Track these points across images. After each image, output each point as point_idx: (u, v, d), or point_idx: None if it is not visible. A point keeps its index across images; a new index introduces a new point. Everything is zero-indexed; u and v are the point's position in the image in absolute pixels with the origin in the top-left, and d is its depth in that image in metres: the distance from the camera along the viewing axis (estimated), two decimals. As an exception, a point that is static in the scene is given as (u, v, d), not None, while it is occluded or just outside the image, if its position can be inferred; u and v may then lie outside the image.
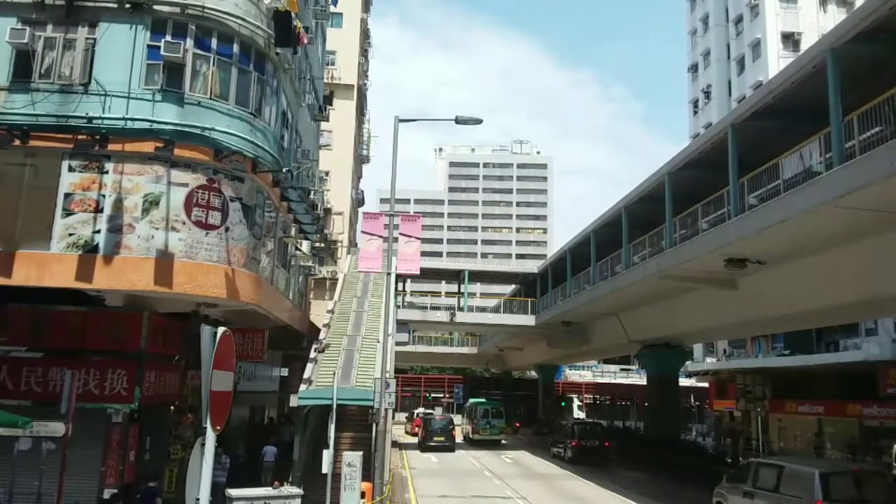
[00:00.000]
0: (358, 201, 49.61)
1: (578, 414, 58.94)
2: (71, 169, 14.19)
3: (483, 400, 39.00)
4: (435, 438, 32.33)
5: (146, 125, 14.41)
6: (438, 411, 43.07)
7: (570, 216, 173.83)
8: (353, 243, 43.34)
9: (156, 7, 14.93)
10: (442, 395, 69.11)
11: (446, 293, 67.23)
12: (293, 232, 22.44)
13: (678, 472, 27.96)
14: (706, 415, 52.90)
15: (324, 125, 30.83)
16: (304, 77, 22.23)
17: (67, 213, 14.01)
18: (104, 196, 14.17)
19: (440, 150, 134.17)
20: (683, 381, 42.69)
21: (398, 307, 35.74)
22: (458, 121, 19.24)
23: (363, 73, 47.03)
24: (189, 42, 14.98)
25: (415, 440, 37.85)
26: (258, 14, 16.12)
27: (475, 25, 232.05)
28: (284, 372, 30.12)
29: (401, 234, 19.32)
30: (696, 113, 49.39)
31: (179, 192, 14.53)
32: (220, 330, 6.27)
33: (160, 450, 16.86)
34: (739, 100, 37.54)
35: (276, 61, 17.17)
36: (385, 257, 19.88)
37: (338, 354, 23.14)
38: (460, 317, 41.98)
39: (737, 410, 39.80)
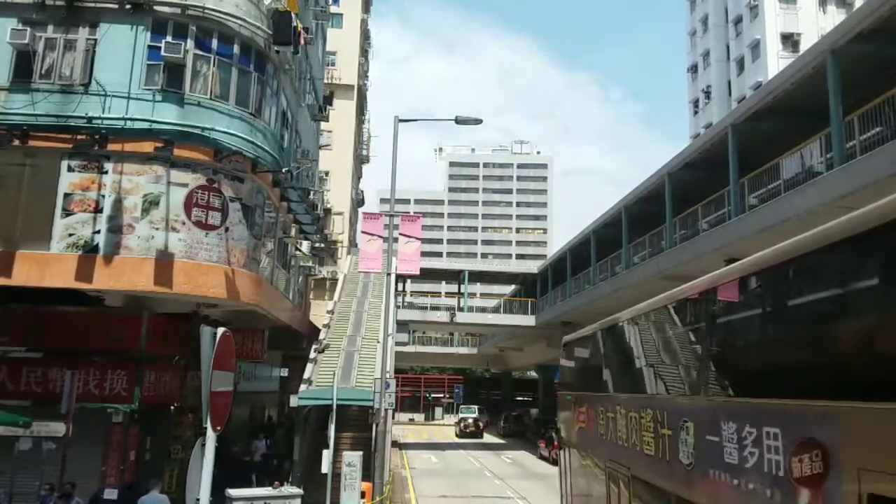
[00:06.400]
0: (358, 201, 49.62)
1: None
2: (70, 169, 14.19)
3: (468, 408, 52.39)
4: (468, 429, 47.35)
5: (146, 125, 14.42)
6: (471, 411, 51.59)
7: (570, 216, 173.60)
8: (353, 243, 43.34)
9: (156, 8, 14.94)
10: (442, 396, 69.02)
11: (446, 293, 67.19)
12: (293, 232, 22.44)
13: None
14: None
15: (324, 125, 30.82)
16: (304, 77, 22.23)
17: (67, 213, 14.01)
18: (104, 196, 14.17)
19: (440, 150, 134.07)
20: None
21: (398, 307, 35.72)
22: (458, 121, 19.24)
23: (363, 73, 47.05)
24: (189, 43, 14.99)
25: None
26: (258, 15, 16.13)
27: (475, 26, 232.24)
28: (284, 372, 30.10)
29: (401, 234, 19.32)
30: (696, 113, 49.41)
31: (179, 193, 14.53)
32: (220, 330, 6.26)
33: (160, 450, 16.86)
34: (739, 100, 37.54)
35: (277, 62, 17.17)
36: (385, 257, 19.87)
37: (338, 355, 23.14)
38: (460, 317, 41.95)
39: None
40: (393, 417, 31.88)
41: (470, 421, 47.77)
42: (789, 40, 41.05)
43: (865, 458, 4.09)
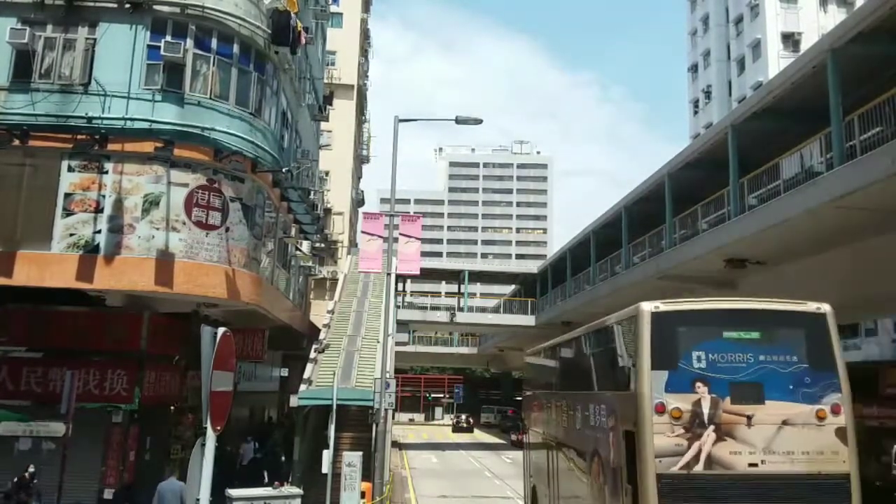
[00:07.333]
0: (358, 201, 49.62)
1: None
2: (70, 169, 14.18)
3: (489, 408, 63.48)
4: (461, 425, 56.84)
5: (146, 125, 14.40)
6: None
7: (570, 216, 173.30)
8: (353, 243, 43.34)
9: (156, 7, 14.92)
10: (442, 396, 69.01)
11: (446, 293, 67.20)
12: (293, 232, 22.44)
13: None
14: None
15: (324, 125, 30.82)
16: (304, 77, 22.23)
17: (67, 213, 14.01)
18: (104, 196, 14.17)
19: (440, 150, 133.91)
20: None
21: (398, 307, 35.72)
22: (458, 121, 19.22)
23: (363, 73, 47.05)
24: (189, 42, 14.97)
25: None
26: (258, 14, 16.12)
27: (475, 27, 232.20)
28: (284, 372, 30.10)
29: (401, 234, 19.31)
30: (696, 113, 49.42)
31: (179, 193, 14.52)
32: (220, 330, 6.27)
33: (160, 450, 16.85)
34: (740, 100, 37.54)
35: (276, 61, 17.16)
36: (385, 257, 19.87)
37: (338, 354, 23.13)
38: (460, 317, 41.96)
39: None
40: (393, 417, 31.90)
41: (462, 418, 57.93)
42: (790, 40, 41.06)
43: (622, 415, 8.92)
